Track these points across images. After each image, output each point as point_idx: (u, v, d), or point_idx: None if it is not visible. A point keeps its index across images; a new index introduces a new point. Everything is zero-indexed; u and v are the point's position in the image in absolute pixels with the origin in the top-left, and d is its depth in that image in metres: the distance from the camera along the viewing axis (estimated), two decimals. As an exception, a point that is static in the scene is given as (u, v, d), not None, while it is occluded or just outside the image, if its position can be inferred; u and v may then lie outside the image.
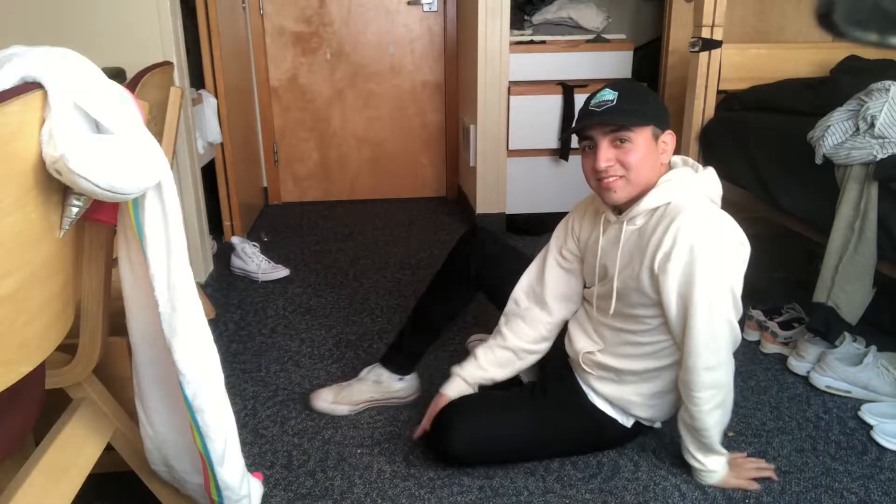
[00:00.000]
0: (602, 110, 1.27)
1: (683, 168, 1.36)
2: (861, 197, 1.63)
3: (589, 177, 1.35)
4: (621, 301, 1.39)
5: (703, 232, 1.24)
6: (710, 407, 1.33)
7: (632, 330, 1.41)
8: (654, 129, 1.31)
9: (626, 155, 1.29)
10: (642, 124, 1.28)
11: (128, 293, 1.01)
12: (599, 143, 1.30)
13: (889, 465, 1.50)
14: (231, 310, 2.35)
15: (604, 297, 1.44)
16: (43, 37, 2.18)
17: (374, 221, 3.42)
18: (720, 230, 1.26)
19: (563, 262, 1.54)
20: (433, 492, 1.43)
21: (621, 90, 1.29)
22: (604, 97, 1.28)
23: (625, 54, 3.13)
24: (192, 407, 1.01)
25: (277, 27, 3.49)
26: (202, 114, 2.68)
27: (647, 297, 1.33)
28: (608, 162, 1.29)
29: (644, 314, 1.37)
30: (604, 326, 1.46)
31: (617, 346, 1.44)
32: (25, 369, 0.83)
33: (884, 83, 1.70)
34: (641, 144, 1.29)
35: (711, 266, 1.24)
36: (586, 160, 1.34)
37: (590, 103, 1.31)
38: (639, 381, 1.44)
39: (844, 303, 1.67)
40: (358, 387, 1.70)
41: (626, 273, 1.36)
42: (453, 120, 3.71)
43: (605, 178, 1.31)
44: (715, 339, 1.29)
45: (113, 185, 0.77)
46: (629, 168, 1.29)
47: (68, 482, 1.03)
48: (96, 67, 0.80)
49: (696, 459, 1.42)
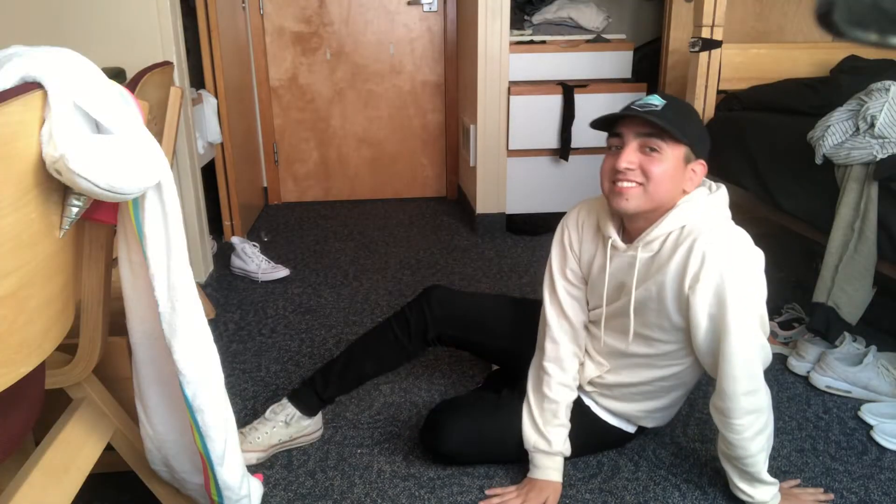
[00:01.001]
0: (644, 111, 1.21)
1: (700, 188, 1.29)
2: (861, 197, 1.63)
3: (604, 177, 1.27)
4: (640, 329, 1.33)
5: (732, 252, 1.20)
6: (752, 433, 1.25)
7: (643, 354, 1.36)
8: (688, 152, 1.24)
9: (652, 164, 1.21)
10: (679, 140, 1.21)
11: (128, 293, 1.01)
12: (628, 143, 1.23)
13: (889, 465, 1.50)
14: (231, 310, 2.35)
15: (623, 327, 1.36)
16: (43, 37, 2.18)
17: (374, 221, 3.42)
18: (748, 250, 1.22)
19: (572, 290, 1.44)
20: (433, 492, 1.43)
21: (670, 100, 1.23)
22: (650, 101, 1.22)
23: (625, 54, 3.12)
24: (192, 407, 1.02)
25: (277, 27, 3.49)
26: (202, 114, 2.68)
27: (667, 320, 1.28)
28: (630, 164, 1.22)
29: (660, 337, 1.32)
30: (612, 349, 1.41)
31: (625, 368, 1.40)
32: (25, 369, 0.83)
33: (884, 83, 1.70)
34: (670, 159, 1.22)
35: (743, 287, 1.19)
36: (608, 159, 1.27)
37: (633, 103, 1.24)
38: (645, 399, 1.42)
39: (844, 303, 1.67)
40: (266, 430, 1.52)
41: (642, 295, 1.30)
42: (453, 120, 3.71)
43: (623, 180, 1.23)
44: (751, 363, 1.22)
45: (113, 185, 0.77)
46: (650, 178, 1.21)
47: (68, 482, 1.03)
48: (96, 67, 0.80)
49: (743, 492, 1.33)
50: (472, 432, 1.44)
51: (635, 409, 1.44)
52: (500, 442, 1.46)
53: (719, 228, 1.22)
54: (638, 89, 3.11)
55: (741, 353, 1.21)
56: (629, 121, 1.24)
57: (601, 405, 1.47)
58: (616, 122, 1.26)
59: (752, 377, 1.23)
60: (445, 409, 1.48)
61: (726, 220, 1.27)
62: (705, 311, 1.21)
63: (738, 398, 1.23)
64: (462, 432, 1.44)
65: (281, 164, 3.74)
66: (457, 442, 1.43)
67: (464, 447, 1.45)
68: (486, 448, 1.47)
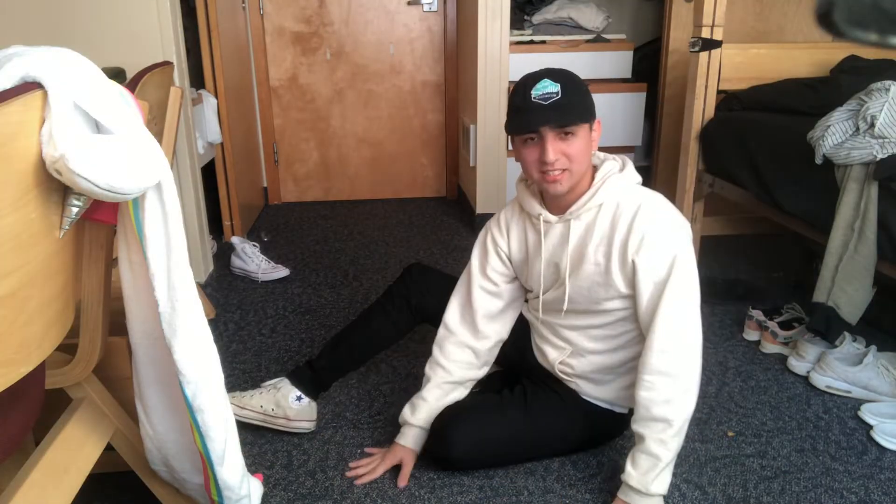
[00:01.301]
0: (549, 104, 1.25)
1: (609, 161, 1.37)
2: (861, 197, 1.63)
3: (532, 169, 1.32)
4: (581, 298, 1.39)
5: (666, 220, 1.31)
6: (660, 398, 1.28)
7: (594, 325, 1.42)
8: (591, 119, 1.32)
9: (570, 147, 1.28)
10: (590, 119, 1.29)
11: (128, 293, 1.01)
12: (546, 135, 1.27)
13: (889, 465, 1.50)
14: (231, 310, 2.35)
15: (559, 297, 1.43)
16: (43, 37, 2.18)
17: (374, 221, 3.42)
18: (679, 217, 1.34)
19: (489, 286, 1.51)
20: (433, 492, 1.43)
21: (563, 81, 1.27)
22: (547, 89, 1.25)
23: (625, 54, 3.13)
24: (192, 407, 1.02)
25: (277, 27, 3.49)
26: (202, 114, 2.68)
27: (615, 290, 1.34)
28: (557, 154, 1.27)
29: (609, 307, 1.38)
30: (563, 328, 1.47)
31: (584, 343, 1.45)
32: (25, 369, 0.83)
33: (884, 83, 1.70)
34: (583, 136, 1.29)
35: (684, 251, 1.29)
36: (529, 152, 1.31)
37: (531, 95, 1.26)
38: (618, 377, 1.46)
39: (844, 303, 1.67)
40: (255, 394, 1.61)
41: (584, 269, 1.36)
42: (453, 120, 3.71)
43: (552, 170, 1.28)
44: (676, 319, 1.29)
45: (113, 185, 0.77)
46: (572, 160, 1.28)
47: (68, 482, 1.03)
48: (96, 67, 0.80)
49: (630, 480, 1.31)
50: (478, 435, 1.44)
51: (614, 390, 1.47)
52: (506, 443, 1.46)
53: (651, 200, 1.32)
54: (638, 89, 3.11)
55: (670, 312, 1.28)
56: (541, 117, 1.27)
57: (584, 392, 1.49)
58: (530, 121, 1.28)
59: (671, 335, 1.29)
60: (448, 415, 1.48)
61: (641, 187, 1.37)
62: (651, 279, 1.30)
63: (652, 353, 1.29)
64: (468, 436, 1.43)
65: (281, 164, 3.74)
66: (464, 447, 1.43)
67: (471, 451, 1.44)
68: (494, 450, 1.46)
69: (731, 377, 1.86)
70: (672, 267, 1.28)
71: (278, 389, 1.59)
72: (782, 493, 1.41)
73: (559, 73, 1.29)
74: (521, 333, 1.58)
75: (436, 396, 1.51)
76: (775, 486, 1.43)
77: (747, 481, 1.45)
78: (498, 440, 1.45)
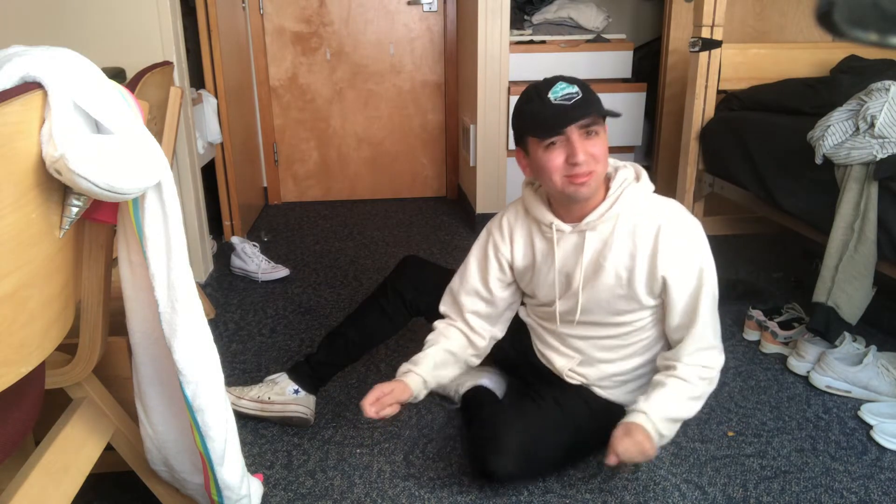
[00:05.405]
0: (573, 103, 1.22)
1: (623, 169, 1.35)
2: (861, 197, 1.63)
3: (555, 173, 1.25)
4: (597, 309, 1.37)
5: (691, 232, 1.31)
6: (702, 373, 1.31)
7: (608, 335, 1.41)
8: None
9: (595, 147, 1.24)
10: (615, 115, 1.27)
11: (128, 293, 1.02)
12: (572, 136, 1.22)
13: (889, 465, 1.50)
14: (231, 310, 2.35)
15: (571, 308, 1.40)
16: (43, 37, 2.18)
17: (374, 221, 3.42)
18: (695, 221, 1.35)
19: (483, 293, 1.49)
20: (433, 492, 1.43)
21: (577, 82, 1.25)
22: (566, 90, 1.23)
23: (625, 54, 3.13)
24: (192, 407, 1.02)
25: (277, 27, 3.49)
26: (202, 114, 2.68)
27: (637, 302, 1.33)
28: (586, 154, 1.23)
29: (628, 319, 1.36)
30: (572, 338, 1.46)
31: (594, 353, 1.44)
32: (25, 369, 0.83)
33: (884, 83, 1.70)
34: (604, 137, 1.28)
35: (708, 257, 1.32)
36: (553, 156, 1.24)
37: (550, 99, 1.23)
38: (632, 381, 1.45)
39: (844, 303, 1.67)
40: (255, 387, 1.65)
41: (602, 282, 1.33)
42: (453, 120, 3.71)
43: (581, 171, 1.23)
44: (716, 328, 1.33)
45: (112, 185, 0.77)
46: (598, 161, 1.25)
47: (68, 482, 1.03)
48: (96, 67, 0.80)
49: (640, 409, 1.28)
50: (528, 449, 1.36)
51: (629, 392, 1.46)
52: (553, 453, 1.41)
53: (673, 211, 1.32)
54: (638, 89, 3.11)
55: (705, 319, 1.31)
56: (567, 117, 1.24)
57: (600, 395, 1.48)
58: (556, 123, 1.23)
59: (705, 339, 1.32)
60: (495, 424, 1.40)
61: (656, 195, 1.36)
62: (686, 290, 1.31)
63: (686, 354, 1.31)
64: (520, 451, 1.35)
65: (281, 163, 3.74)
66: (515, 463, 1.34)
67: (522, 465, 1.36)
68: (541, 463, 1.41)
69: (731, 377, 1.86)
70: (701, 274, 1.30)
71: (276, 383, 1.63)
72: (782, 493, 1.41)
73: (570, 77, 1.27)
74: (519, 334, 1.57)
75: (436, 353, 1.48)
76: (775, 486, 1.43)
77: (747, 481, 1.45)
78: (546, 451, 1.39)
